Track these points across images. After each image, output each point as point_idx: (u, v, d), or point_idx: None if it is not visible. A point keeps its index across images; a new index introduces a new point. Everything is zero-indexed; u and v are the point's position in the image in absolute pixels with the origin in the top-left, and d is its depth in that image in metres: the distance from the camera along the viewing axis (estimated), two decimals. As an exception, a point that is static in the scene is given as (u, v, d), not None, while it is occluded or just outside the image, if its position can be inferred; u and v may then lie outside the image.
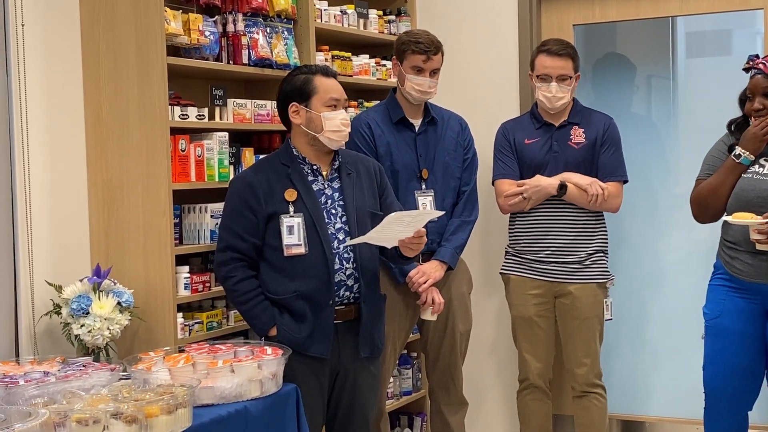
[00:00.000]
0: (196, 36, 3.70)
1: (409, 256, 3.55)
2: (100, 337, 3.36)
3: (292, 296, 3.41)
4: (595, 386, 4.27)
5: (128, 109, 3.60)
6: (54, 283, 3.46)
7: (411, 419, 4.91)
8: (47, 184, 3.55)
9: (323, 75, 3.51)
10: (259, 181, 3.43)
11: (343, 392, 3.53)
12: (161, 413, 2.68)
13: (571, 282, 4.20)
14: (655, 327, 4.90)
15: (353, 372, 3.52)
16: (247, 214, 3.41)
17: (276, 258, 3.42)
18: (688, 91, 4.97)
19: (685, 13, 4.68)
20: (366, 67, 4.68)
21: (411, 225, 3.36)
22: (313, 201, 3.44)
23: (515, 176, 4.26)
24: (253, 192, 3.41)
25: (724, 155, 3.73)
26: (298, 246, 3.40)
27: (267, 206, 3.41)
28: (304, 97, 3.48)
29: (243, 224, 3.42)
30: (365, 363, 3.55)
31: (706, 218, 3.81)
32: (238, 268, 3.43)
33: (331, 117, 3.45)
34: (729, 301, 3.75)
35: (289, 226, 3.40)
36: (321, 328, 3.42)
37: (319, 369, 3.44)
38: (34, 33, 3.49)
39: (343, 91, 3.54)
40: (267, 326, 3.43)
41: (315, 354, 3.40)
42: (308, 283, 3.41)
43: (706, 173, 3.79)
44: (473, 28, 4.94)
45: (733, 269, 3.71)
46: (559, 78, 4.16)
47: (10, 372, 2.99)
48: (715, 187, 3.71)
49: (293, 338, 3.39)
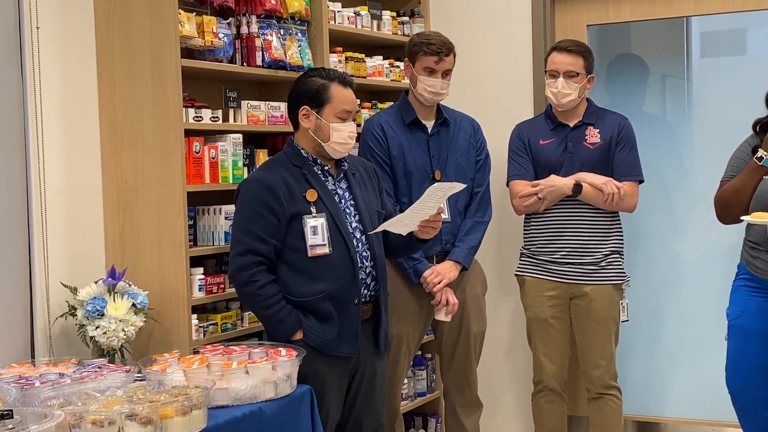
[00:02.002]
0: (210, 38, 3.71)
1: (426, 238, 3.52)
2: (115, 339, 3.36)
3: (318, 297, 3.37)
4: (610, 388, 4.26)
5: (143, 111, 3.61)
6: (69, 285, 3.48)
7: (425, 420, 4.91)
8: (62, 187, 3.56)
9: (341, 84, 3.45)
10: (277, 182, 3.38)
11: (359, 390, 3.53)
12: (176, 414, 2.68)
13: (586, 283, 4.19)
14: (672, 328, 4.88)
15: (370, 369, 3.53)
16: (267, 215, 3.34)
17: (298, 259, 3.38)
18: (702, 91, 4.95)
19: (700, 13, 4.66)
20: (379, 69, 4.68)
21: (439, 199, 3.38)
22: (332, 201, 3.44)
23: (530, 177, 4.25)
24: (273, 193, 3.35)
25: (749, 156, 3.70)
26: (323, 246, 3.37)
27: (289, 207, 3.36)
28: (318, 103, 3.43)
29: (264, 226, 3.34)
30: (380, 359, 3.58)
31: (728, 219, 3.79)
32: (260, 272, 3.34)
33: (340, 129, 3.43)
34: (750, 301, 3.73)
35: (313, 227, 3.37)
36: (348, 327, 3.40)
37: (344, 368, 3.44)
38: (49, 36, 3.50)
39: (356, 102, 3.52)
40: (293, 330, 3.36)
41: (344, 353, 3.39)
42: (334, 283, 3.38)
43: (730, 174, 3.77)
44: (486, 29, 4.93)
45: (755, 269, 3.70)
46: (566, 74, 4.15)
47: (26, 373, 3.00)
48: (738, 189, 3.69)
49: (321, 340, 3.36)
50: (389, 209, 3.66)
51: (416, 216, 3.39)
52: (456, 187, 3.40)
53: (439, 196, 3.36)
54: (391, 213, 3.63)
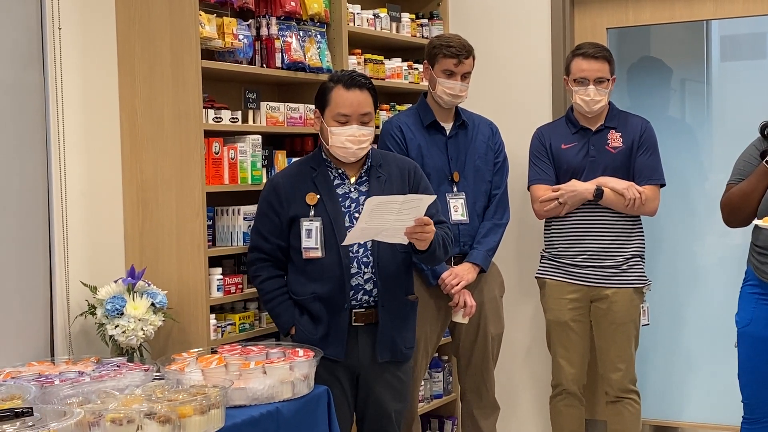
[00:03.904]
0: (230, 40, 3.72)
1: (419, 248, 3.39)
2: (134, 338, 3.38)
3: (309, 297, 3.46)
4: (629, 392, 4.24)
5: (163, 112, 3.63)
6: (89, 284, 3.50)
7: (442, 422, 4.90)
8: (83, 187, 3.58)
9: (344, 86, 3.43)
10: (284, 184, 3.49)
11: (366, 395, 3.54)
12: (194, 414, 2.69)
13: (607, 286, 4.16)
14: (692, 331, 4.87)
15: (373, 376, 3.52)
16: (271, 215, 3.49)
17: (298, 260, 3.49)
18: (722, 95, 4.93)
19: (720, 17, 4.64)
20: (398, 71, 4.68)
21: (405, 213, 3.24)
22: (334, 205, 3.46)
23: (551, 181, 4.23)
24: (277, 195, 3.48)
25: (756, 160, 3.68)
26: (315, 249, 3.44)
27: (290, 209, 3.46)
28: (321, 105, 3.49)
29: (267, 226, 3.50)
30: (386, 367, 3.54)
31: (736, 223, 3.77)
32: (263, 267, 3.53)
33: (337, 133, 3.43)
34: (759, 308, 3.71)
35: (308, 230, 3.44)
36: (336, 330, 3.44)
37: (336, 371, 3.46)
38: (71, 36, 3.52)
39: (364, 103, 3.44)
40: (287, 325, 3.51)
41: (329, 356, 3.41)
42: (324, 285, 3.44)
43: (737, 178, 3.75)
44: (506, 32, 4.93)
45: (763, 274, 3.67)
46: (596, 81, 4.13)
47: (46, 372, 3.02)
48: (747, 193, 3.66)
49: (309, 339, 3.43)
50: (431, 211, 3.42)
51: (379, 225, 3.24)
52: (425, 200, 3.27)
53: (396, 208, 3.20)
54: (433, 215, 3.45)
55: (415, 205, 3.26)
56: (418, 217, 3.29)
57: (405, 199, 3.24)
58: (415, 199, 3.28)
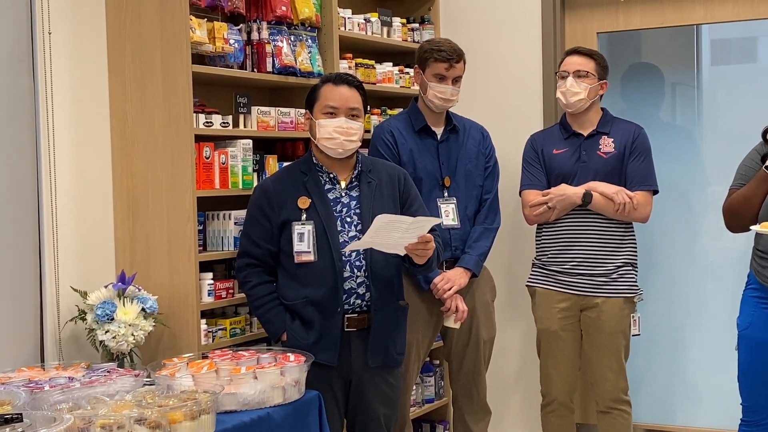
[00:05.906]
0: (221, 44, 3.72)
1: (418, 263, 3.46)
2: (125, 343, 3.37)
3: (302, 302, 3.45)
4: (620, 402, 4.19)
5: (153, 116, 3.62)
6: (79, 289, 3.49)
7: (433, 427, 4.90)
8: (73, 191, 3.57)
9: (333, 83, 3.51)
10: (275, 188, 3.49)
11: (357, 401, 3.53)
12: (185, 419, 2.69)
13: (597, 295, 4.13)
14: (689, 337, 4.86)
15: (365, 381, 3.52)
16: (261, 220, 3.49)
17: (289, 264, 3.47)
18: (713, 99, 4.94)
19: (710, 21, 4.65)
20: (389, 75, 4.69)
21: (411, 231, 3.31)
22: (326, 209, 3.46)
23: (542, 187, 4.21)
24: (268, 199, 3.48)
25: (757, 164, 3.68)
26: (308, 253, 3.43)
27: (281, 213, 3.46)
28: (310, 104, 3.54)
29: (258, 230, 3.50)
30: (378, 372, 3.54)
31: (737, 228, 3.78)
32: (253, 273, 3.52)
33: (324, 124, 3.46)
34: (759, 312, 3.71)
35: (300, 234, 3.44)
36: (328, 335, 3.44)
37: (328, 376, 3.45)
38: (61, 41, 3.51)
39: (352, 99, 3.49)
40: (279, 331, 3.50)
41: (321, 361, 3.40)
42: (317, 290, 3.43)
43: (739, 182, 3.75)
44: (497, 37, 4.94)
45: (764, 278, 3.68)
46: (575, 73, 4.13)
47: (36, 377, 3.01)
48: (747, 198, 3.66)
49: (301, 344, 3.42)
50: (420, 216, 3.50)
51: (385, 241, 3.31)
52: (431, 222, 3.36)
53: (404, 228, 3.27)
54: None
55: (421, 224, 3.33)
56: (421, 234, 3.34)
57: (414, 221, 3.30)
58: (422, 220, 3.34)
